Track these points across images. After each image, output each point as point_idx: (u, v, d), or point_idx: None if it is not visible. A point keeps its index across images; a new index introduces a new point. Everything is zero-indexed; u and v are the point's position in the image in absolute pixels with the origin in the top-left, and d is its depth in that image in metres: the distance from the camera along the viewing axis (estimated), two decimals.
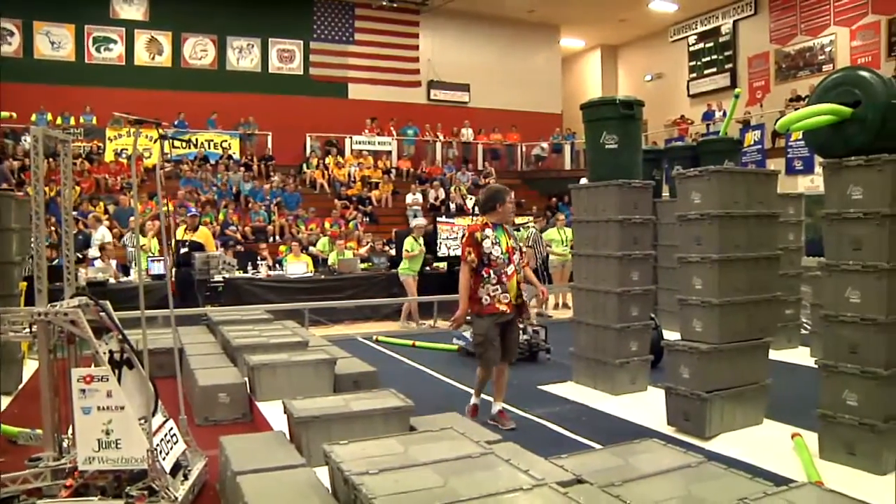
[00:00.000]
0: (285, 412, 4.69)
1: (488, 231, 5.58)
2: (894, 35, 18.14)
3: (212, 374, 6.17)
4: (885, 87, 4.47)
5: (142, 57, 20.02)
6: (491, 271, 5.51)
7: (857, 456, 4.52)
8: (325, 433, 4.25)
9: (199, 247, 10.85)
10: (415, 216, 17.87)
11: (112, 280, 10.92)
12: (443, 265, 13.19)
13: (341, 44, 22.05)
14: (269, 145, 20.14)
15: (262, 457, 3.90)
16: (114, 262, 11.70)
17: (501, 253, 5.55)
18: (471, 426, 4.31)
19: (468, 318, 5.69)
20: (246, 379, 6.17)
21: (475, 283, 5.54)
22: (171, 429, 4.15)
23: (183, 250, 10.57)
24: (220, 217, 15.53)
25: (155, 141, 4.39)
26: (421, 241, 12.02)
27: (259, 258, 13.13)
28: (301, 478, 3.62)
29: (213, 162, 18.58)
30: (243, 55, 21.07)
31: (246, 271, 12.34)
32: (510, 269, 5.59)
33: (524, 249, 6.01)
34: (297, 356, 6.31)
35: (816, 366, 4.84)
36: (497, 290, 5.52)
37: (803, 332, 9.04)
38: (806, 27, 20.22)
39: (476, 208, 9.64)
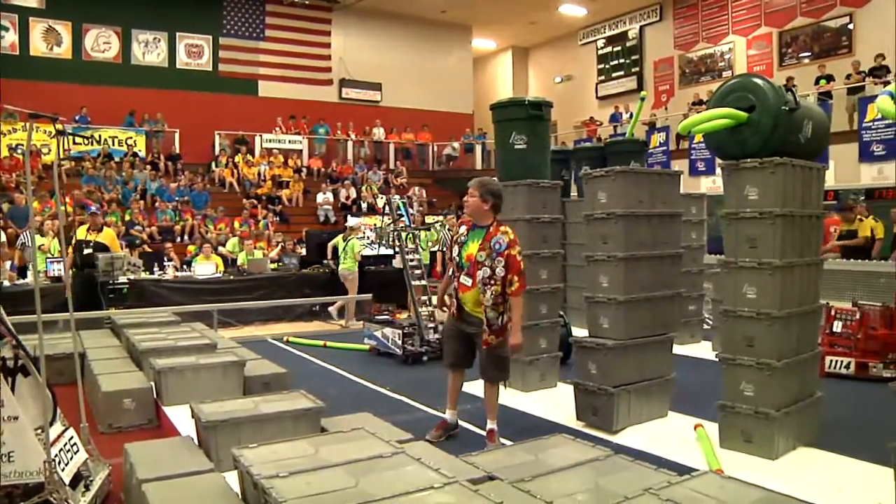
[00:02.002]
0: (193, 416, 4.57)
1: (463, 229, 5.15)
2: (784, 46, 19.13)
3: (116, 380, 5.96)
4: (776, 95, 4.71)
5: (38, 47, 19.05)
6: (451, 270, 5.18)
7: (754, 443, 4.75)
8: (235, 437, 4.17)
9: (103, 248, 10.42)
10: (325, 216, 17.79)
11: (7, 283, 10.40)
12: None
13: (252, 40, 21.64)
14: (177, 143, 19.58)
15: (169, 463, 3.79)
16: (8, 264, 11.15)
17: (457, 255, 5.09)
18: (382, 426, 4.30)
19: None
20: (152, 383, 5.99)
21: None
22: (72, 438, 3.99)
23: (86, 251, 10.16)
24: (126, 216, 15.02)
25: (53, 136, 4.21)
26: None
27: (166, 259, 12.77)
28: (210, 483, 3.54)
29: (117, 159, 17.93)
30: (149, 49, 20.41)
31: (152, 272, 11.98)
32: (465, 280, 5.01)
33: (500, 272, 4.90)
34: (205, 359, 6.16)
35: (717, 359, 5.05)
36: (453, 292, 5.12)
37: (705, 327, 9.39)
38: (707, 35, 21.04)
39: (387, 207, 9.60)
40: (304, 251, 14.19)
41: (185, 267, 12.72)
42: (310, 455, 3.30)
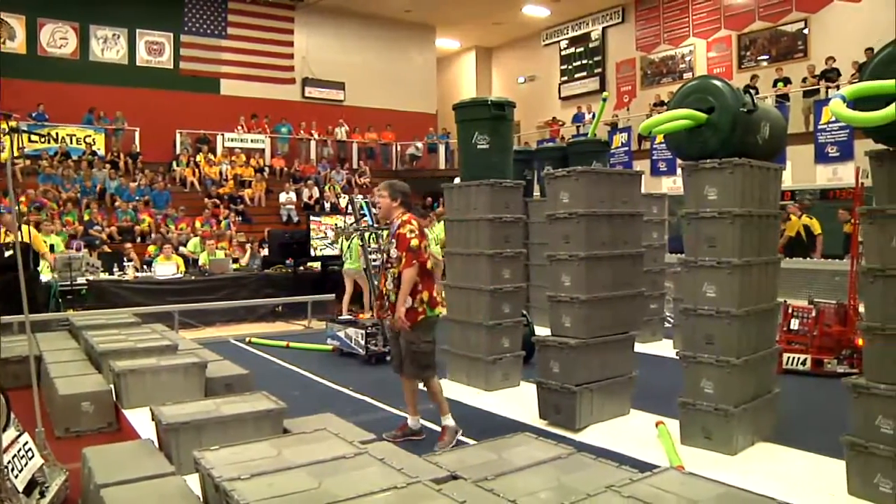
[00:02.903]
0: (153, 419, 4.52)
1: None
2: (743, 49, 19.46)
3: (74, 382, 5.86)
4: (734, 96, 4.79)
5: None
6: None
7: (713, 440, 4.83)
8: (196, 439, 4.12)
9: (24, 248, 9.92)
10: (288, 215, 17.68)
11: None
12: (317, 265, 13.02)
13: (213, 38, 21.35)
14: (137, 141, 19.25)
15: (129, 467, 3.73)
16: None
17: (379, 251, 5.37)
18: (345, 427, 4.28)
19: None
20: (111, 386, 5.90)
21: None
22: (27, 443, 3.90)
23: (7, 253, 9.74)
24: (85, 216, 14.75)
25: (6, 134, 4.12)
26: None
27: (126, 259, 12.57)
28: (170, 487, 3.49)
29: (75, 158, 17.58)
30: (108, 46, 20.00)
31: (111, 273, 11.78)
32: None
33: (394, 253, 5.06)
34: (165, 360, 6.09)
35: (678, 357, 5.11)
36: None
37: (667, 325, 9.49)
38: (668, 37, 21.29)
39: (349, 207, 9.57)
40: (266, 251, 14.07)
41: (145, 267, 12.53)
42: (272, 456, 3.27)
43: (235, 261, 13.12)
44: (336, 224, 12.71)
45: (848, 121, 4.26)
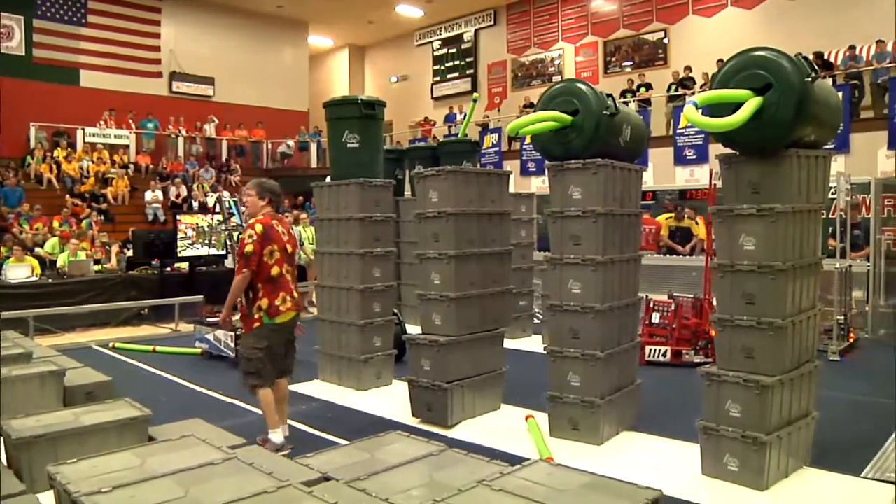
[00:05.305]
0: (2, 434, 4.23)
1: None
2: (609, 55, 20.29)
3: None
4: (598, 100, 4.98)
5: None
6: None
7: (581, 431, 5.02)
8: (51, 453, 3.89)
9: None
10: (154, 214, 17.02)
11: None
12: (184, 265, 12.56)
13: (72, 25, 20.07)
14: None
15: None
16: None
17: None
18: (213, 431, 4.17)
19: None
20: None
21: None
22: None
23: None
24: None
25: None
26: None
27: None
28: None
29: None
30: None
31: None
32: None
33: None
34: (18, 370, 5.68)
35: (545, 352, 5.26)
36: None
37: (536, 321, 9.76)
38: (538, 41, 21.88)
39: (218, 205, 9.31)
40: (130, 252, 13.45)
41: None
42: (135, 467, 3.14)
43: (97, 262, 12.48)
44: (197, 223, 12.28)
45: (699, 125, 4.51)
